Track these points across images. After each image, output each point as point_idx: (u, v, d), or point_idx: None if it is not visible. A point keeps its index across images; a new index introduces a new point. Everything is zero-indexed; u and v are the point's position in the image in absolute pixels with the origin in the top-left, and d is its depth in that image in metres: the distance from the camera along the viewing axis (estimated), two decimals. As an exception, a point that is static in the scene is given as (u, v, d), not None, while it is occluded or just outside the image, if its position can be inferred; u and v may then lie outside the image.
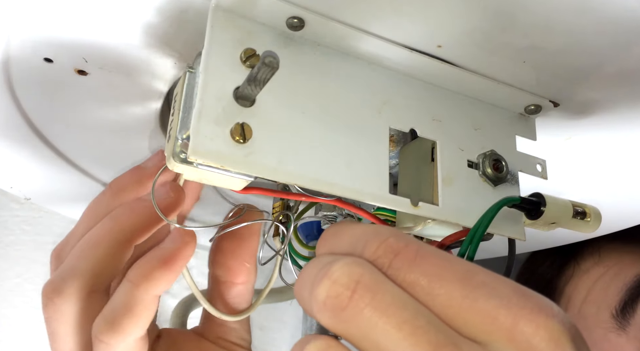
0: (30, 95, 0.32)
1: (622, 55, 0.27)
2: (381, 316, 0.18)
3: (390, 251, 0.20)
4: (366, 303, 0.18)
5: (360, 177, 0.25)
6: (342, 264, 0.19)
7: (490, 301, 0.18)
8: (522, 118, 0.32)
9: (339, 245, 0.22)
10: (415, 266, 0.19)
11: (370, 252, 0.20)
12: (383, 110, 0.27)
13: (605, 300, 0.45)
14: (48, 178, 0.42)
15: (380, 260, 0.20)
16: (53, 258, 0.32)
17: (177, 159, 0.25)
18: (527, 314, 0.18)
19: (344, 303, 0.18)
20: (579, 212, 0.29)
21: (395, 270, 0.19)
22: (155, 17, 0.26)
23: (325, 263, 0.20)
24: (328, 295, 0.19)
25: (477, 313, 0.18)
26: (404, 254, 0.19)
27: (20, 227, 0.58)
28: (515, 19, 0.25)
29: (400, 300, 0.18)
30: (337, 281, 0.19)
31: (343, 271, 0.19)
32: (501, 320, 0.18)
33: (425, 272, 0.19)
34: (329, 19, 0.26)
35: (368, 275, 0.19)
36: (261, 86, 0.22)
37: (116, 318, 0.26)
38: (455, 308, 0.18)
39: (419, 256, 0.19)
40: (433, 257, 0.19)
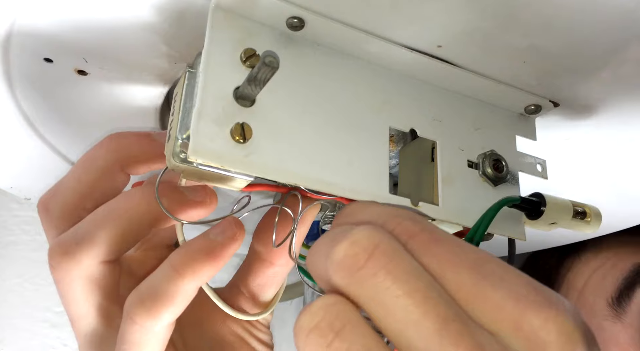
0: (30, 95, 0.32)
1: (622, 56, 0.27)
2: (395, 280, 0.18)
3: (405, 233, 0.20)
4: (382, 265, 0.18)
5: (360, 177, 0.25)
6: (363, 228, 0.19)
7: (499, 290, 0.18)
8: (522, 118, 0.32)
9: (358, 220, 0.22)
10: (429, 250, 0.19)
11: (389, 229, 0.20)
12: (383, 110, 0.27)
13: (602, 290, 0.45)
14: (48, 178, 0.42)
15: (397, 239, 0.20)
16: (42, 210, 0.30)
17: (177, 159, 0.25)
18: (536, 307, 0.18)
19: (361, 263, 0.18)
20: (579, 212, 0.29)
21: (409, 252, 0.19)
22: (155, 17, 0.26)
23: (343, 230, 0.20)
24: (346, 253, 0.19)
25: (485, 302, 0.18)
26: (419, 237, 0.19)
27: (20, 227, 0.58)
28: (515, 19, 0.25)
29: (416, 270, 0.18)
30: (357, 242, 0.19)
31: (364, 234, 0.19)
32: (508, 310, 0.18)
33: (438, 257, 0.19)
34: (329, 19, 0.26)
35: (387, 241, 0.19)
36: (261, 86, 0.22)
37: (156, 304, 0.26)
38: (464, 294, 0.18)
39: (433, 240, 0.19)
40: (447, 242, 0.19)
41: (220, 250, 0.26)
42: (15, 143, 0.37)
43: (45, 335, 0.56)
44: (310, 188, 0.25)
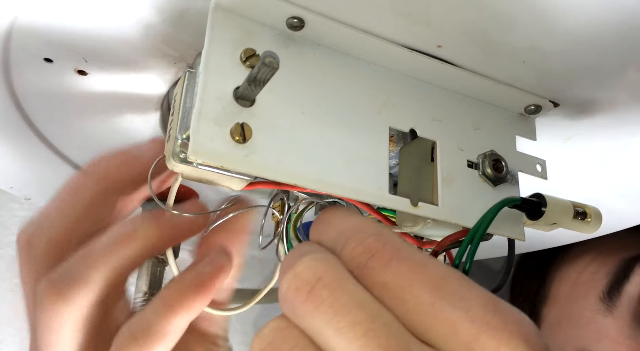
0: (30, 95, 0.32)
1: (621, 55, 0.27)
2: (335, 314, 0.18)
3: (367, 251, 0.20)
4: (323, 299, 0.18)
5: (360, 177, 0.25)
6: (308, 259, 0.19)
7: (456, 312, 0.18)
8: (522, 118, 0.32)
9: (326, 235, 0.22)
10: (389, 268, 0.19)
11: (350, 249, 0.20)
12: (383, 110, 0.27)
13: (593, 285, 0.46)
14: (48, 178, 0.42)
15: (357, 258, 0.20)
16: (23, 244, 0.30)
17: (177, 159, 0.25)
18: (490, 329, 0.17)
19: (302, 297, 0.19)
20: (579, 213, 0.29)
21: (369, 270, 0.19)
22: (155, 17, 0.26)
23: (297, 254, 0.20)
24: (289, 287, 0.19)
25: (440, 322, 0.18)
26: (380, 255, 0.19)
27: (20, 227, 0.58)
28: (515, 19, 0.25)
29: (359, 301, 0.18)
30: (300, 275, 0.19)
31: (307, 266, 0.19)
32: (462, 332, 0.17)
33: (397, 276, 0.19)
34: (329, 19, 0.26)
35: (331, 273, 0.19)
36: (261, 86, 0.22)
37: (148, 341, 0.25)
38: (420, 315, 0.18)
39: (394, 258, 0.19)
40: (408, 260, 0.19)
41: (210, 283, 0.27)
42: (15, 143, 0.37)
43: (45, 335, 0.56)
44: (310, 188, 0.25)
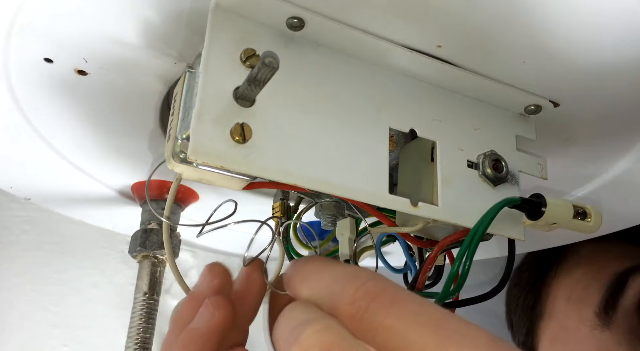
0: (30, 95, 0.32)
1: (621, 55, 0.27)
2: None
3: (368, 295, 0.20)
4: None
5: (360, 177, 0.25)
6: (313, 331, 0.19)
7: (462, 349, 0.18)
8: (522, 118, 0.32)
9: (318, 287, 0.22)
10: (392, 310, 0.19)
11: (349, 294, 0.20)
12: (383, 110, 0.27)
13: (587, 299, 0.47)
14: (48, 178, 0.42)
15: (358, 302, 0.20)
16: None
17: (177, 159, 0.25)
18: None
19: None
20: (579, 213, 0.29)
21: (372, 314, 0.20)
22: (155, 17, 0.26)
23: (298, 322, 0.20)
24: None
25: None
26: (381, 298, 0.20)
27: (20, 227, 0.58)
28: (515, 19, 0.25)
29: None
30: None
31: (314, 341, 0.19)
32: None
33: (401, 318, 0.19)
34: (329, 19, 0.26)
35: (339, 342, 0.19)
36: (261, 86, 0.22)
37: None
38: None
39: (395, 301, 0.20)
40: (409, 302, 0.20)
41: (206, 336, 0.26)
42: (15, 143, 0.37)
43: (45, 335, 0.56)
44: (310, 188, 0.25)
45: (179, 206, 0.43)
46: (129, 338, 0.41)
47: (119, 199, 0.46)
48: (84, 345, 0.58)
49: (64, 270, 0.58)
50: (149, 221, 0.43)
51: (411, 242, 0.32)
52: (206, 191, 0.43)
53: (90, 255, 0.60)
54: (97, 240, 0.61)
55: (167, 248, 0.32)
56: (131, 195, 0.45)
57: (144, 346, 0.41)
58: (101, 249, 0.61)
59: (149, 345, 0.41)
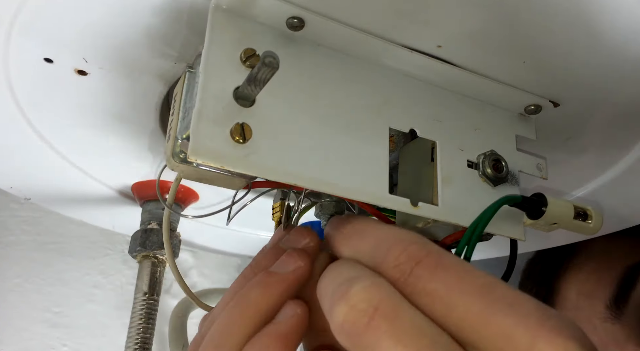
0: (30, 95, 0.32)
1: (622, 55, 0.27)
2: (397, 344, 0.18)
3: (412, 258, 0.19)
4: (383, 331, 0.18)
5: (360, 177, 0.25)
6: (361, 288, 0.19)
7: (509, 317, 0.18)
8: (522, 118, 0.32)
9: (362, 248, 0.22)
10: (436, 275, 0.19)
11: (393, 257, 0.20)
12: (383, 110, 0.27)
13: (599, 293, 0.47)
14: (48, 178, 0.42)
15: (402, 266, 0.19)
16: None
17: (177, 159, 0.25)
18: (545, 334, 0.17)
19: (361, 330, 0.18)
20: (580, 214, 0.28)
21: (415, 278, 0.19)
22: (155, 17, 0.26)
23: (345, 278, 0.20)
24: (345, 319, 0.19)
25: (494, 329, 0.18)
26: (426, 262, 0.19)
27: (20, 227, 0.58)
28: (515, 19, 0.25)
29: (418, 327, 0.18)
30: (356, 306, 0.19)
31: (362, 297, 0.19)
32: (518, 338, 0.17)
33: (445, 282, 0.19)
34: (329, 19, 0.26)
35: (386, 300, 0.19)
36: (261, 86, 0.22)
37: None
38: (472, 322, 0.18)
39: (440, 265, 0.19)
40: (454, 267, 0.19)
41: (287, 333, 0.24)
42: (15, 143, 0.37)
43: (45, 335, 0.56)
44: (310, 188, 0.25)
45: (179, 206, 0.43)
46: (129, 338, 0.41)
47: (119, 199, 0.46)
48: (84, 345, 0.58)
49: (64, 270, 0.58)
50: (149, 221, 0.43)
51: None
52: (206, 191, 0.43)
53: (90, 255, 0.60)
54: (97, 240, 0.61)
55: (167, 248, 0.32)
56: (131, 195, 0.45)
57: (144, 347, 0.41)
58: (101, 249, 0.61)
59: (149, 345, 0.41)
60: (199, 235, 0.55)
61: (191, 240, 0.56)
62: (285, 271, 0.25)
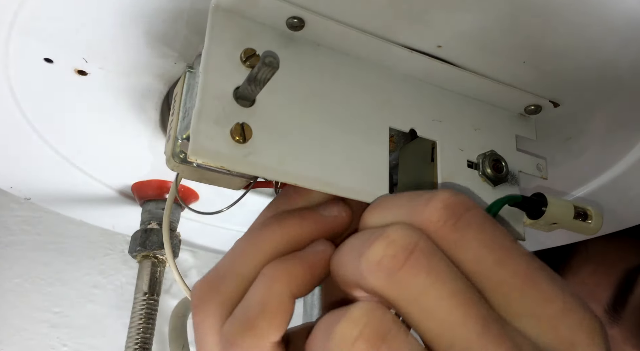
0: (30, 95, 0.32)
1: (622, 55, 0.27)
2: (436, 281, 0.18)
3: (463, 204, 0.19)
4: (422, 266, 0.18)
5: (360, 177, 0.25)
6: (399, 227, 0.19)
7: (551, 286, 0.18)
8: (522, 118, 0.32)
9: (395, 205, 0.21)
10: (487, 229, 0.19)
11: (442, 199, 0.19)
12: (383, 110, 0.27)
13: (597, 296, 0.47)
14: (48, 178, 0.42)
15: (453, 208, 0.19)
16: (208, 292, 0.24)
17: (177, 159, 0.25)
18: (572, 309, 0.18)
19: (400, 263, 0.18)
20: (580, 214, 0.28)
21: (466, 225, 0.19)
22: (155, 17, 0.26)
23: (374, 232, 0.19)
24: (385, 253, 0.18)
25: (534, 296, 0.18)
26: (476, 212, 0.19)
27: (20, 227, 0.58)
28: (515, 19, 0.25)
29: (454, 270, 0.18)
30: (396, 241, 0.18)
31: (401, 234, 0.18)
32: (553, 308, 0.18)
33: (495, 240, 0.19)
34: (329, 19, 0.26)
35: (424, 241, 0.18)
36: (261, 86, 0.22)
37: (251, 318, 0.22)
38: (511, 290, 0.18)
39: (488, 220, 0.19)
40: (500, 229, 0.19)
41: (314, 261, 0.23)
42: (15, 143, 0.37)
43: (45, 335, 0.56)
44: (310, 188, 0.25)
45: (179, 206, 0.43)
46: (129, 338, 0.41)
47: (119, 199, 0.46)
48: (84, 345, 0.58)
49: (64, 270, 0.58)
50: (149, 221, 0.43)
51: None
52: (206, 191, 0.43)
53: (90, 255, 0.60)
54: (97, 240, 0.61)
55: (167, 248, 0.32)
56: (131, 195, 0.45)
57: (144, 347, 0.41)
58: (101, 249, 0.61)
59: (149, 345, 0.41)
60: (199, 235, 0.55)
61: (191, 240, 0.56)
62: (326, 214, 0.24)
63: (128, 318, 0.42)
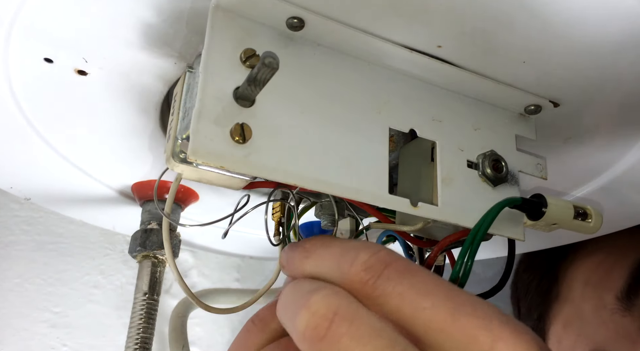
0: (30, 95, 0.32)
1: (622, 55, 0.27)
2: (357, 344, 0.19)
3: (382, 262, 0.20)
4: (343, 332, 0.19)
5: (360, 177, 0.25)
6: (321, 296, 0.20)
7: (474, 320, 0.19)
8: (522, 118, 0.32)
9: (325, 259, 0.22)
10: (405, 278, 0.20)
11: (363, 260, 0.21)
12: (383, 110, 0.27)
13: (609, 284, 0.46)
14: (48, 178, 0.42)
15: (373, 267, 0.20)
16: None
17: (177, 159, 0.25)
18: (506, 336, 0.19)
19: (322, 333, 0.19)
20: (580, 213, 0.29)
21: (385, 280, 0.20)
22: (155, 17, 0.26)
23: (305, 291, 0.20)
24: (307, 325, 0.19)
25: (460, 330, 0.19)
26: (395, 266, 0.20)
27: (20, 227, 0.58)
28: (515, 19, 0.25)
29: (376, 329, 0.19)
30: (316, 312, 0.19)
31: (322, 303, 0.20)
32: (481, 339, 0.19)
33: (414, 285, 0.20)
34: (329, 19, 0.26)
35: (345, 305, 0.20)
36: (261, 86, 0.22)
37: None
38: (439, 324, 0.19)
39: (408, 270, 0.20)
40: (421, 272, 0.20)
41: None
42: (15, 143, 0.37)
43: (45, 335, 0.56)
44: (310, 189, 0.25)
45: (179, 206, 0.43)
46: (129, 338, 0.41)
47: (119, 199, 0.46)
48: (84, 345, 0.58)
49: (64, 270, 0.58)
50: (149, 221, 0.43)
51: (411, 242, 0.32)
52: (206, 191, 0.43)
53: (90, 255, 0.60)
54: (97, 240, 0.61)
55: (167, 248, 0.32)
56: (131, 195, 0.45)
57: (144, 347, 0.41)
58: (101, 249, 0.61)
59: (149, 345, 0.41)
60: (199, 235, 0.55)
61: (191, 240, 0.56)
62: None
63: (128, 318, 0.42)
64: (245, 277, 0.67)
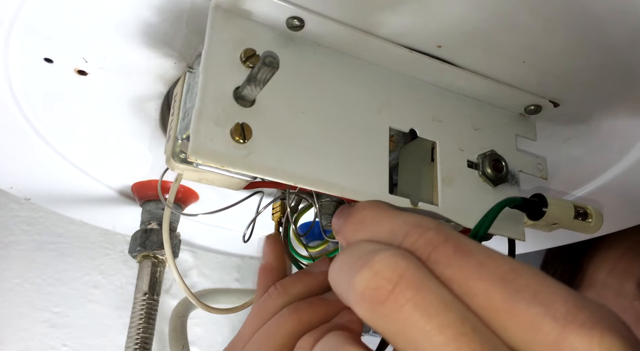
0: (30, 95, 0.32)
1: (622, 55, 0.27)
2: (422, 315, 0.17)
3: (429, 244, 0.18)
4: (407, 299, 0.17)
5: (360, 177, 0.25)
6: (386, 255, 0.18)
7: (533, 308, 0.16)
8: (522, 118, 0.32)
9: (378, 232, 0.20)
10: (454, 261, 0.18)
11: (410, 242, 0.19)
12: (383, 110, 0.27)
13: (630, 272, 0.47)
14: (48, 178, 0.42)
15: (419, 251, 0.18)
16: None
17: (177, 159, 0.25)
18: (577, 327, 0.15)
19: (383, 296, 0.17)
20: (580, 213, 0.28)
21: (432, 264, 0.18)
22: (155, 17, 0.26)
23: (366, 251, 0.19)
24: (367, 285, 0.17)
25: (517, 320, 0.16)
26: (443, 248, 0.18)
27: (20, 227, 0.58)
28: (515, 19, 0.25)
29: (445, 301, 0.17)
30: (379, 273, 0.17)
31: (386, 263, 0.18)
32: (545, 331, 0.16)
33: (463, 268, 0.18)
34: (329, 19, 0.26)
35: (413, 270, 0.17)
36: (261, 86, 0.22)
37: None
38: (493, 311, 0.17)
39: (458, 251, 0.18)
40: (473, 253, 0.18)
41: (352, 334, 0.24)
42: (15, 143, 0.37)
43: (45, 335, 0.56)
44: (310, 189, 0.25)
45: (179, 206, 0.43)
46: (129, 338, 0.41)
47: (119, 199, 0.46)
48: (84, 345, 0.58)
49: (63, 270, 0.58)
50: (149, 221, 0.43)
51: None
52: (206, 191, 0.43)
53: (90, 255, 0.60)
54: (97, 240, 0.61)
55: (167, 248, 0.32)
56: (131, 195, 0.45)
57: (144, 347, 0.41)
58: (101, 249, 0.61)
59: (149, 345, 0.41)
60: (199, 235, 0.55)
61: (191, 240, 0.56)
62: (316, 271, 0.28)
63: (128, 318, 0.42)
64: (245, 277, 0.67)
